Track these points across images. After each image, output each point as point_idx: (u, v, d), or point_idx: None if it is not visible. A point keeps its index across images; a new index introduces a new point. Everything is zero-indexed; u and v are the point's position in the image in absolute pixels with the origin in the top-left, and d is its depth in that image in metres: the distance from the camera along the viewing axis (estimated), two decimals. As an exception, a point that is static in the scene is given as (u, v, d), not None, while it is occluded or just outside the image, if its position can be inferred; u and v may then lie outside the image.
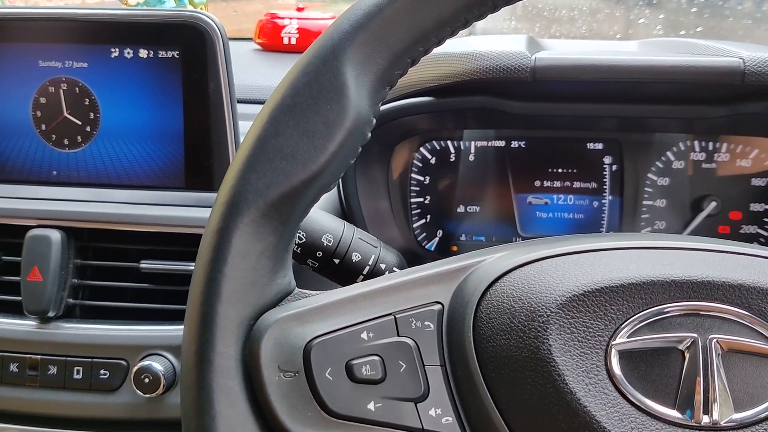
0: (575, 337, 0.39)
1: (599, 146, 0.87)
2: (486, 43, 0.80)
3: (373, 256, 0.63)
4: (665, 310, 0.39)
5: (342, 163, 0.44)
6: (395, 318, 0.42)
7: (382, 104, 0.51)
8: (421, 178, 0.90)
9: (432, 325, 0.43)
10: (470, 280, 0.44)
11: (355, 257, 0.62)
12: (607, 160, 0.87)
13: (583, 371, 0.39)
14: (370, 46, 0.42)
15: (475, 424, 0.41)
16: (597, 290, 0.40)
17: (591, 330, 0.39)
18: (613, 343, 0.39)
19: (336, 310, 0.43)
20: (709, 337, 0.39)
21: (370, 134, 0.45)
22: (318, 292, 0.45)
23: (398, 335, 0.42)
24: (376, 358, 0.41)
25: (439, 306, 0.43)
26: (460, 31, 0.45)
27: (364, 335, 0.42)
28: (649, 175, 0.87)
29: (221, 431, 0.39)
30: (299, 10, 1.22)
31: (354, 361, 0.41)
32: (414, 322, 0.42)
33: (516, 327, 0.40)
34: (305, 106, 0.42)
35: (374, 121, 0.45)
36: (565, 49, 0.82)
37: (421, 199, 0.90)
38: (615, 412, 0.38)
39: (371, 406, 0.41)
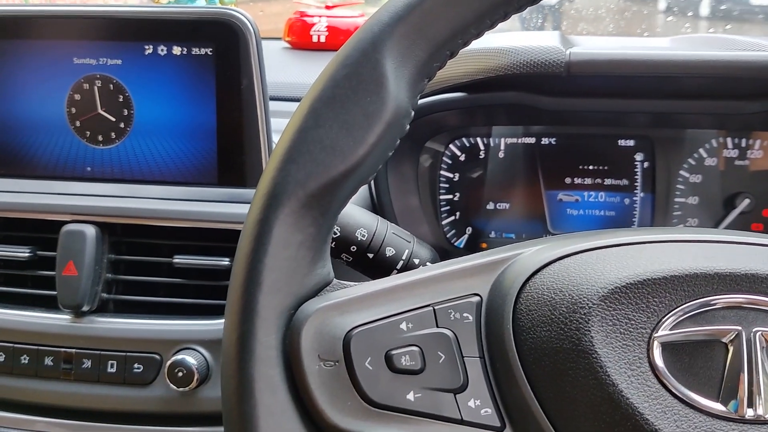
0: (617, 329, 0.39)
1: (631, 143, 0.86)
2: (518, 39, 0.80)
3: (406, 250, 0.63)
4: (709, 303, 0.39)
5: (381, 155, 0.44)
6: (434, 309, 0.43)
7: None
8: (451, 175, 0.90)
9: (471, 317, 0.43)
10: (509, 273, 0.44)
11: (389, 252, 0.62)
12: (639, 157, 0.86)
13: (625, 363, 0.38)
14: (409, 39, 0.43)
15: (514, 415, 0.41)
16: (640, 282, 0.40)
17: (633, 322, 0.39)
18: (656, 335, 0.39)
19: (375, 300, 0.43)
20: (754, 329, 0.39)
21: (408, 126, 0.45)
22: (356, 283, 0.45)
23: (437, 326, 0.42)
24: (415, 348, 0.42)
25: (477, 298, 0.43)
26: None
27: (403, 326, 0.42)
28: (681, 172, 0.86)
29: (262, 420, 0.40)
30: (328, 8, 1.23)
31: (393, 351, 0.41)
32: (453, 313, 0.43)
33: (557, 319, 0.40)
34: (345, 98, 0.42)
35: (413, 113, 0.45)
36: (596, 45, 0.82)
37: (451, 196, 0.90)
38: (658, 404, 0.38)
39: (410, 396, 0.41)
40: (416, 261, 0.63)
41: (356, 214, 0.62)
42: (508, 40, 0.79)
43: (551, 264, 0.43)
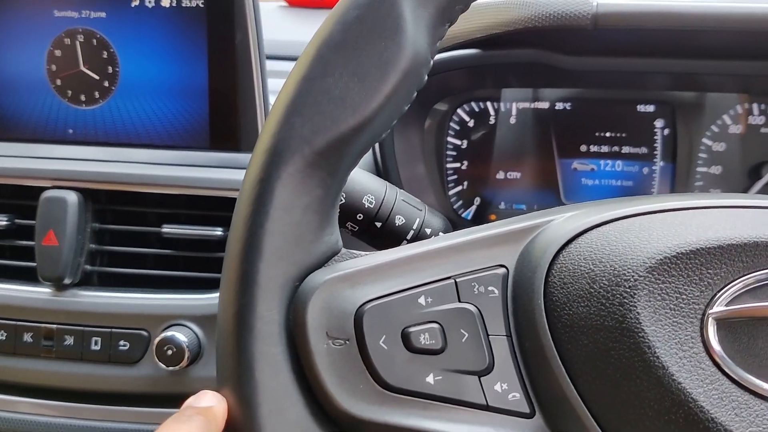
0: (667, 305, 0.35)
1: (650, 108, 0.82)
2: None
3: (417, 219, 0.58)
4: None
5: (396, 109, 0.40)
6: (456, 282, 0.39)
7: None
8: (458, 142, 0.85)
9: (496, 291, 0.39)
10: (538, 242, 0.40)
11: (399, 221, 0.58)
12: (659, 123, 0.82)
13: (676, 343, 0.35)
14: None
15: (545, 401, 0.38)
16: (692, 252, 0.36)
17: (685, 296, 0.35)
18: (711, 311, 0.35)
19: (390, 271, 0.39)
20: None
21: (426, 77, 0.40)
22: (367, 252, 0.41)
23: (459, 301, 0.39)
24: (435, 325, 0.38)
25: (503, 270, 0.40)
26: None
27: (421, 300, 0.38)
28: (704, 140, 0.82)
29: (263, 403, 0.36)
30: (328, -37, 1.18)
31: (411, 329, 0.37)
32: (476, 286, 0.39)
33: (597, 293, 0.36)
34: (356, 43, 0.38)
35: (431, 62, 0.40)
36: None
37: (458, 165, 0.86)
38: (713, 389, 0.34)
39: (430, 378, 0.37)
40: (428, 231, 0.59)
41: (363, 179, 0.57)
42: None
43: (588, 231, 0.39)
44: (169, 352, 0.67)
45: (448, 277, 0.39)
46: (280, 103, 0.38)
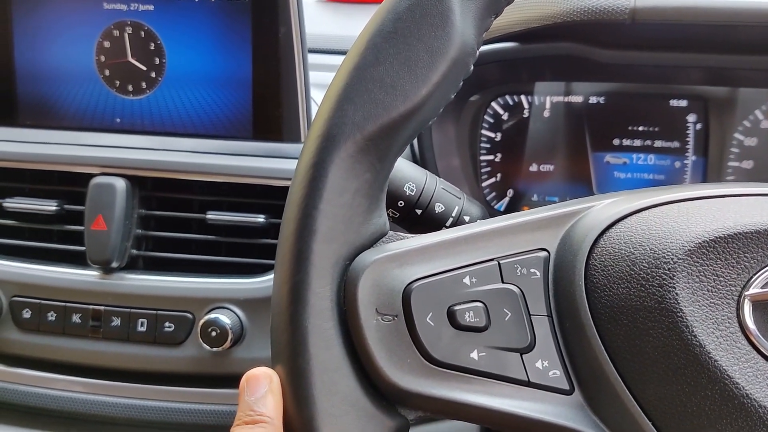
0: (705, 286, 0.36)
1: (683, 103, 0.82)
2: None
3: (456, 207, 0.59)
4: None
5: (443, 97, 0.41)
6: (499, 263, 0.40)
7: None
8: (492, 135, 0.86)
9: (538, 273, 0.40)
10: (579, 227, 0.41)
11: (438, 208, 0.59)
12: (692, 118, 0.83)
13: (712, 323, 0.36)
14: None
15: (585, 378, 0.38)
16: (729, 236, 0.37)
17: (722, 278, 0.36)
18: (747, 293, 0.36)
19: (436, 252, 0.40)
20: None
21: (472, 66, 0.41)
22: (413, 235, 0.42)
23: (502, 282, 0.40)
24: (479, 304, 0.39)
25: (545, 253, 0.41)
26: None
27: (466, 280, 0.39)
28: (736, 134, 0.83)
29: (315, 375, 0.37)
30: (365, -40, 1.19)
31: (456, 307, 0.39)
32: (519, 268, 0.40)
33: (637, 275, 0.37)
34: (407, 33, 0.39)
35: (477, 52, 0.41)
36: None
37: (492, 157, 0.87)
38: (749, 367, 0.35)
39: (474, 354, 0.38)
40: (466, 219, 0.60)
41: (404, 168, 0.59)
42: None
43: (628, 217, 0.40)
44: (213, 333, 0.68)
45: (492, 259, 0.40)
46: (334, 90, 0.39)
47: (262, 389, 0.38)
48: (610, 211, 0.41)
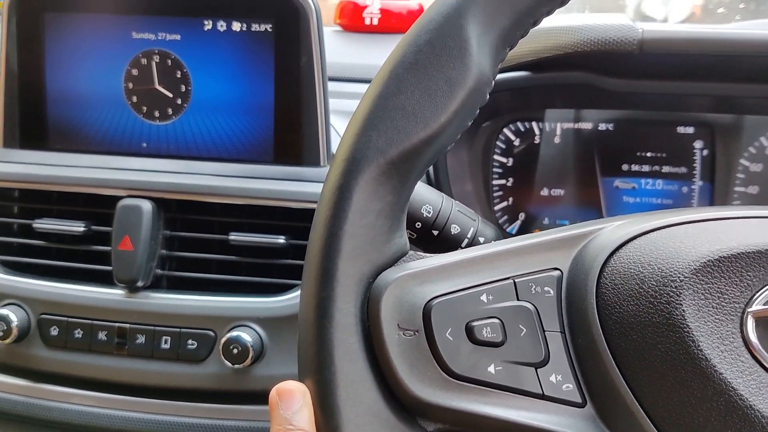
0: (710, 303, 0.38)
1: (690, 130, 0.85)
2: (586, 18, 0.79)
3: (471, 228, 0.62)
4: None
5: (461, 124, 0.43)
6: (514, 282, 0.42)
7: None
8: (504, 160, 0.89)
9: (552, 291, 0.42)
10: (591, 247, 0.43)
11: (454, 229, 0.61)
12: (698, 144, 0.85)
13: (718, 337, 0.37)
14: (494, 5, 0.42)
15: (596, 391, 0.40)
16: (733, 256, 0.39)
17: (726, 296, 0.38)
18: (750, 309, 0.38)
19: (454, 271, 0.42)
20: None
21: (488, 96, 0.44)
22: (432, 255, 0.44)
23: (518, 299, 0.41)
24: (496, 320, 0.41)
25: (558, 272, 0.42)
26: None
27: (483, 297, 0.41)
28: (742, 160, 0.85)
29: (341, 387, 0.39)
30: (381, -9, 1.22)
31: (474, 323, 0.40)
32: (533, 287, 0.42)
33: (646, 293, 0.39)
34: (427, 64, 0.41)
35: (493, 82, 0.44)
36: (664, 26, 0.81)
37: (504, 181, 0.89)
38: (752, 380, 0.37)
39: (491, 368, 0.40)
40: (481, 239, 0.62)
41: (421, 190, 0.61)
42: (576, 19, 0.78)
43: (637, 238, 0.42)
44: (235, 351, 0.70)
45: (508, 278, 0.41)
46: (358, 117, 0.42)
47: (298, 403, 0.40)
48: (619, 233, 0.42)
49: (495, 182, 0.89)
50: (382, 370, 0.40)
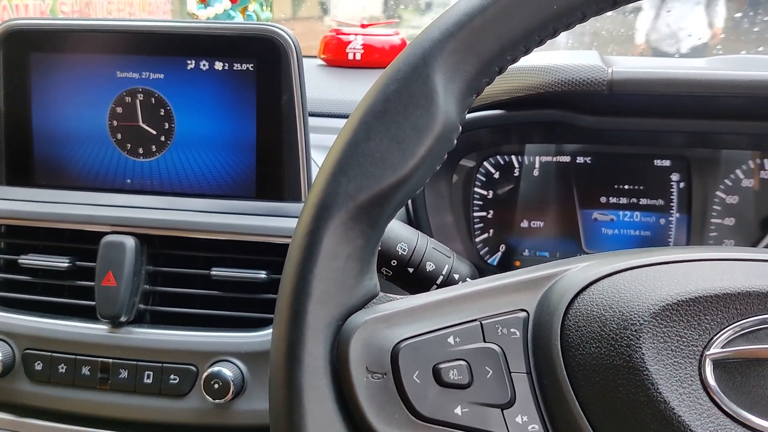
0: (669, 347, 0.39)
1: (667, 163, 0.86)
2: (558, 57, 0.80)
3: (446, 266, 0.63)
4: (761, 321, 0.39)
5: (429, 169, 0.44)
6: (481, 324, 0.42)
7: None
8: (484, 193, 0.90)
9: (518, 332, 0.43)
10: (556, 289, 0.44)
11: (429, 267, 0.62)
12: (675, 177, 0.86)
13: (676, 381, 0.38)
14: (459, 54, 0.43)
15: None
16: (691, 300, 0.40)
17: (685, 339, 0.39)
18: (708, 353, 0.39)
19: (422, 314, 0.43)
20: None
21: (456, 141, 0.45)
22: (402, 296, 0.45)
23: (484, 341, 0.42)
24: (462, 362, 0.41)
25: (524, 313, 0.43)
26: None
27: (450, 340, 0.42)
28: (718, 192, 0.86)
29: (310, 430, 0.40)
30: (363, 26, 1.24)
31: (441, 365, 0.41)
32: (500, 328, 0.42)
33: (607, 335, 0.40)
34: (395, 112, 0.42)
35: (460, 128, 0.45)
36: (635, 65, 0.82)
37: (484, 214, 0.90)
38: (710, 422, 0.37)
39: (458, 410, 0.41)
40: (456, 276, 0.63)
41: (397, 229, 0.62)
42: (547, 59, 0.80)
43: (600, 280, 0.43)
44: (216, 386, 0.71)
45: (475, 320, 0.42)
46: (329, 163, 0.43)
47: None
48: (584, 275, 0.43)
49: (476, 214, 0.90)
50: (351, 413, 0.41)
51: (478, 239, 0.91)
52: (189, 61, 0.76)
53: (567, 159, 0.88)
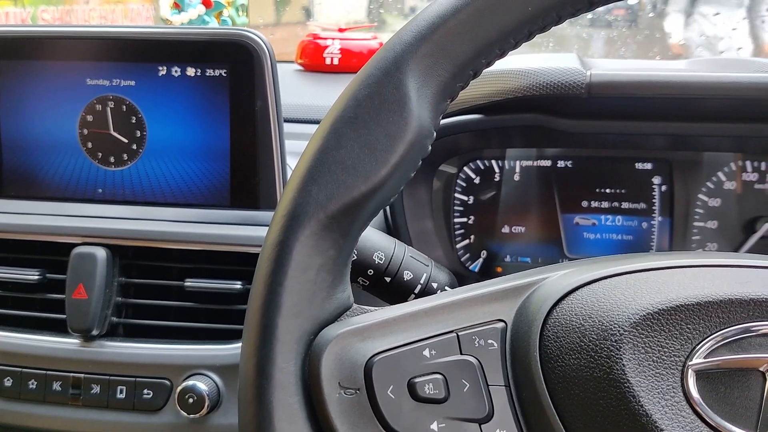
0: (650, 357, 0.38)
1: (648, 166, 0.85)
2: (537, 60, 0.79)
3: (425, 274, 0.61)
4: (745, 330, 0.38)
5: (402, 176, 0.43)
6: (458, 335, 0.41)
7: None
8: (465, 198, 0.89)
9: (495, 344, 0.41)
10: (534, 298, 0.42)
11: (407, 276, 0.61)
12: (657, 180, 0.85)
13: (658, 392, 0.37)
14: (432, 58, 0.42)
15: None
16: (672, 308, 0.38)
17: (666, 350, 0.38)
18: (690, 363, 0.37)
19: (397, 326, 0.42)
20: None
21: (430, 147, 0.44)
22: (376, 308, 0.44)
23: (461, 353, 0.41)
24: (438, 376, 0.40)
25: (502, 324, 0.42)
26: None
27: (426, 353, 0.41)
28: (700, 195, 0.85)
29: None
30: (341, 31, 1.23)
31: (416, 380, 0.40)
32: (477, 340, 0.41)
33: (587, 346, 0.39)
34: (367, 118, 0.41)
35: (435, 133, 0.44)
36: (614, 67, 0.81)
37: (465, 219, 0.89)
38: None
39: (434, 426, 0.39)
40: (434, 285, 0.62)
41: (373, 237, 0.61)
42: (526, 62, 0.79)
43: (579, 289, 0.42)
44: (191, 400, 0.69)
45: (451, 331, 0.41)
46: (299, 171, 0.41)
47: None
48: (562, 283, 0.42)
49: (456, 220, 0.89)
50: (323, 430, 0.39)
51: (459, 245, 0.89)
52: (161, 68, 0.74)
53: (548, 163, 0.87)
